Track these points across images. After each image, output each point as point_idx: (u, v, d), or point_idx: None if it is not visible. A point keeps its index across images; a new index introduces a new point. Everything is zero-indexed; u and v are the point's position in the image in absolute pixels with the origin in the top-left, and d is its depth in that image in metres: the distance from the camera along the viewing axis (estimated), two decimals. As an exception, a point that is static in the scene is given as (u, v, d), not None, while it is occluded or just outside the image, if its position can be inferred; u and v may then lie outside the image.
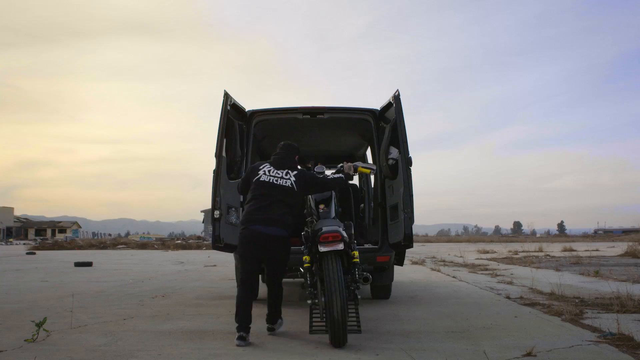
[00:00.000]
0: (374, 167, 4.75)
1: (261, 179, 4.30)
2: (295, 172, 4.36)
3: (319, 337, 4.09)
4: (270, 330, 4.42)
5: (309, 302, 4.09)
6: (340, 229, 3.99)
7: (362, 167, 4.67)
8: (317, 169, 4.97)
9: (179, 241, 35.71)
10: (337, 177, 4.52)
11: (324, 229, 3.97)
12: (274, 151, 4.61)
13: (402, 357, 3.49)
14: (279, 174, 4.32)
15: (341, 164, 4.72)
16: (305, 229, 4.56)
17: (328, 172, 5.18)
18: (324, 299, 3.89)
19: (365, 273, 4.22)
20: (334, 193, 4.75)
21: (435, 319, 5.00)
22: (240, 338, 3.93)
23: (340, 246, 3.90)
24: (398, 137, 5.54)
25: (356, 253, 4.13)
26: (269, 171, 4.34)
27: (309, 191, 4.50)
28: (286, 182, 4.28)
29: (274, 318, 4.41)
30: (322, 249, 3.90)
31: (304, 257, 4.18)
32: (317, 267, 4.14)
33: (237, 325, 3.99)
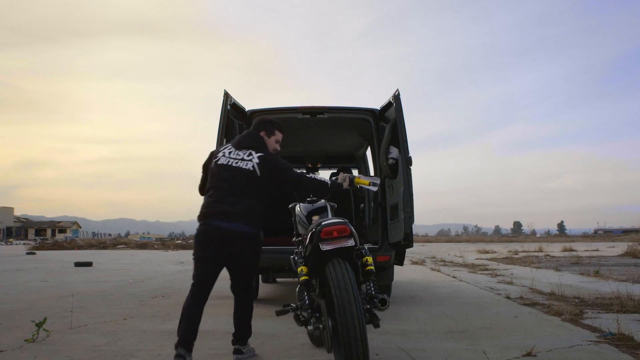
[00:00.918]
0: (377, 181, 3.61)
1: (219, 162, 3.45)
2: (260, 154, 3.44)
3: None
4: (238, 353, 3.54)
5: (310, 328, 2.94)
6: (348, 223, 2.99)
7: (361, 179, 3.64)
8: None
9: (179, 241, 35.72)
10: (320, 179, 3.51)
11: (326, 221, 2.97)
12: None
13: (402, 357, 3.49)
14: (239, 154, 3.45)
15: (335, 177, 3.77)
16: (296, 250, 3.51)
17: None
18: (330, 323, 2.80)
19: (382, 295, 3.02)
20: (327, 204, 3.58)
21: (435, 319, 5.00)
22: (178, 357, 3.14)
23: (350, 242, 2.87)
24: (398, 136, 5.54)
25: (370, 259, 3.04)
26: (229, 152, 3.48)
27: (275, 180, 3.45)
28: (247, 164, 3.40)
29: (242, 337, 3.56)
30: (324, 247, 2.85)
31: (300, 269, 3.08)
32: (318, 281, 3.14)
33: (177, 339, 3.23)
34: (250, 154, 3.44)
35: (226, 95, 5.65)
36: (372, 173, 7.62)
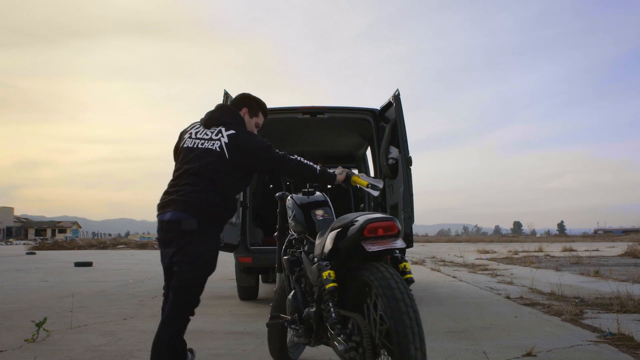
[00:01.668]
0: (379, 184, 2.85)
1: (185, 145, 2.88)
2: (231, 132, 2.79)
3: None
4: None
5: (341, 348, 2.24)
6: (396, 220, 2.34)
7: (361, 178, 2.86)
8: None
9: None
10: (307, 163, 2.82)
11: (369, 216, 2.29)
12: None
13: (402, 357, 3.49)
14: (207, 134, 2.84)
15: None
16: (290, 250, 3.04)
17: None
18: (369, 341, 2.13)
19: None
20: (327, 197, 3.12)
21: (435, 319, 5.00)
22: None
23: (399, 243, 2.26)
24: (398, 136, 5.54)
25: (408, 265, 2.35)
26: (195, 132, 2.89)
27: (250, 162, 2.79)
28: (214, 144, 2.77)
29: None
30: (370, 247, 2.20)
31: (325, 273, 2.34)
32: (353, 291, 2.33)
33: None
34: (219, 132, 2.81)
35: (226, 95, 5.65)
36: (372, 173, 7.62)
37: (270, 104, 3.31)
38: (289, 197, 3.14)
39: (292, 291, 2.80)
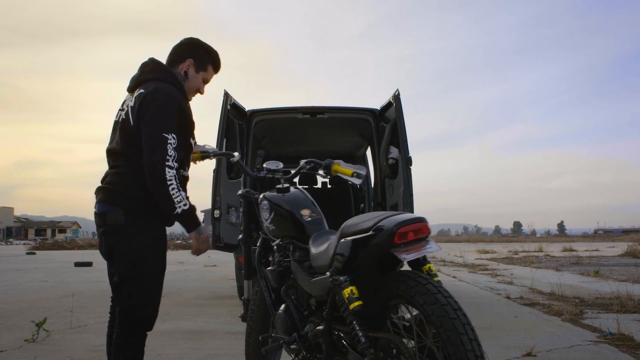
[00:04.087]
0: (362, 172, 2.47)
1: (114, 120, 2.32)
2: (141, 91, 2.17)
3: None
4: None
5: None
6: (426, 219, 1.94)
7: (342, 167, 2.49)
8: (269, 164, 2.74)
9: (179, 241, 35.71)
10: (176, 199, 2.11)
11: (397, 218, 1.84)
12: (274, 151, 3.77)
13: (402, 357, 3.49)
14: (126, 101, 2.27)
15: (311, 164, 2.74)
16: (277, 260, 2.50)
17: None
18: None
19: None
20: (305, 192, 2.57)
21: (435, 319, 4.99)
22: None
23: (434, 247, 1.89)
24: (398, 136, 5.54)
25: (433, 267, 1.94)
26: (122, 103, 2.30)
27: (147, 127, 2.12)
28: (124, 112, 2.22)
29: None
30: (404, 256, 1.81)
31: (347, 291, 1.87)
32: (375, 306, 1.91)
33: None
34: (133, 96, 2.21)
35: (226, 95, 5.65)
36: (372, 173, 7.62)
37: (270, 104, 3.29)
38: (261, 197, 2.59)
39: (284, 305, 2.38)
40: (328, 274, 1.97)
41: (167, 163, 2.07)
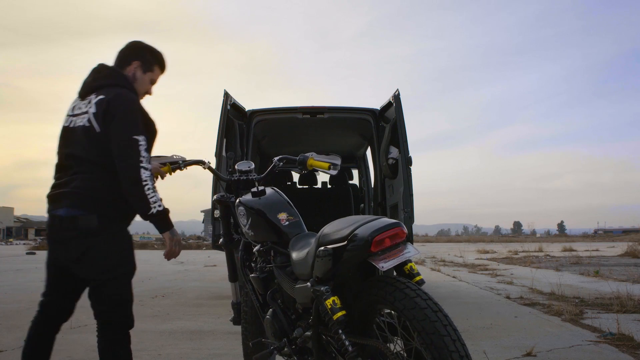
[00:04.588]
0: (337, 161, 2.47)
1: (63, 125, 2.32)
2: (100, 97, 2.20)
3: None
4: None
5: None
6: (402, 223, 1.90)
7: (316, 160, 2.50)
8: (240, 165, 2.69)
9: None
10: (151, 199, 2.17)
11: (371, 225, 1.81)
12: (274, 151, 3.80)
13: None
14: (80, 107, 2.27)
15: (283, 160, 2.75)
16: (259, 265, 2.46)
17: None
18: None
19: None
20: (280, 194, 2.50)
21: (435, 319, 4.99)
22: None
23: (411, 251, 1.84)
24: (398, 136, 5.55)
25: (414, 266, 1.90)
26: (72, 109, 2.32)
27: (117, 132, 2.16)
28: (83, 118, 2.21)
29: None
30: (382, 264, 1.75)
31: (329, 301, 1.82)
32: (357, 313, 1.90)
33: None
34: (89, 102, 2.23)
35: (226, 95, 5.66)
36: (372, 173, 7.62)
37: (270, 104, 3.29)
38: (237, 202, 2.54)
39: (271, 310, 2.33)
40: (309, 284, 1.93)
41: (141, 164, 2.13)
